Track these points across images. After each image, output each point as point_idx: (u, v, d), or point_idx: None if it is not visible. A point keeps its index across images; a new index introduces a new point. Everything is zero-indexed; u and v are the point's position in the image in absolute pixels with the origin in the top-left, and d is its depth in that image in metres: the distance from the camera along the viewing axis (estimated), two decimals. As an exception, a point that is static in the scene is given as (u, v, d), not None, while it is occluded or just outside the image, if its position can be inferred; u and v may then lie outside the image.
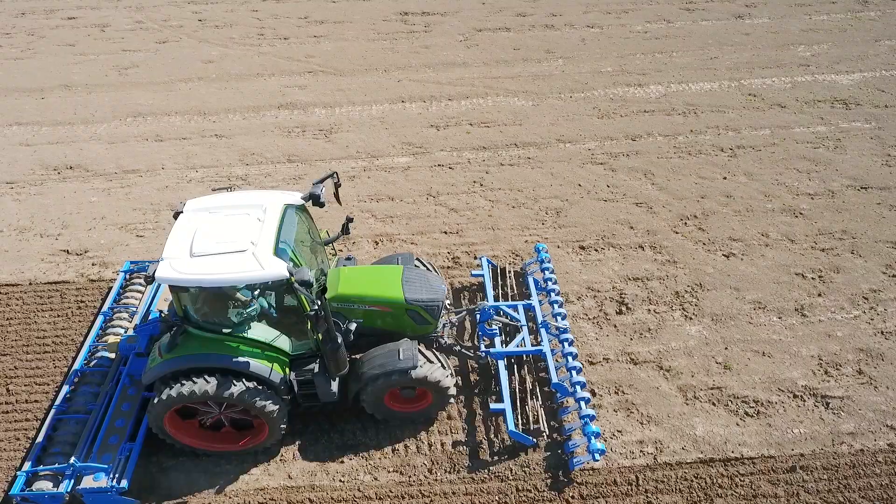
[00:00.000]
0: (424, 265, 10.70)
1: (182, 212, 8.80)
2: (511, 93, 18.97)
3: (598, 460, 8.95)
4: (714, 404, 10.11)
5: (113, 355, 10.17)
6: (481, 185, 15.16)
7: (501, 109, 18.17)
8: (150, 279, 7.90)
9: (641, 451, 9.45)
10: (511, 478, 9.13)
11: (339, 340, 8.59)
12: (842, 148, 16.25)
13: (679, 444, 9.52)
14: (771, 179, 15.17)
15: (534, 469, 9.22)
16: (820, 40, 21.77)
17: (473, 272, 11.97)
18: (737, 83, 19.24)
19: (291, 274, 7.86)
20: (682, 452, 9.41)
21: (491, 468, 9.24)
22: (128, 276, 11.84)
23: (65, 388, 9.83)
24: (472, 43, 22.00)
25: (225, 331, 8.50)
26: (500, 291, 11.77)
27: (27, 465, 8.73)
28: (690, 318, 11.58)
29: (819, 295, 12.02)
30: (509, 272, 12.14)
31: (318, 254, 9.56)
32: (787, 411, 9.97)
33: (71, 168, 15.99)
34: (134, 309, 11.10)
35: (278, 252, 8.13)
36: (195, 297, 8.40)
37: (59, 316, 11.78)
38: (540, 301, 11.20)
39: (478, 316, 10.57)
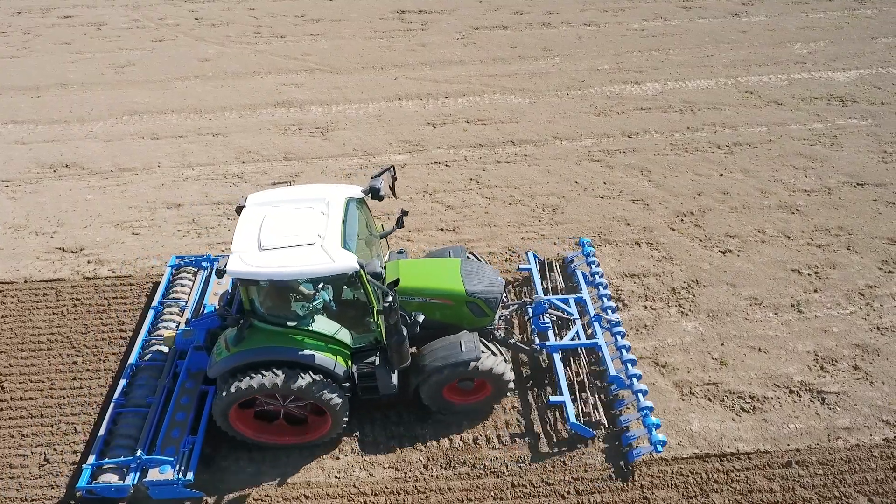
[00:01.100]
0: (476, 258, 10.76)
1: (244, 206, 8.89)
2: (508, 90, 18.96)
3: (660, 451, 8.97)
4: (710, 400, 10.10)
5: (167, 349, 10.25)
6: (478, 182, 15.15)
7: (498, 107, 18.15)
8: (221, 273, 7.98)
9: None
10: (507, 473, 9.12)
11: (405, 333, 8.60)
12: (838, 145, 16.26)
13: (675, 439, 9.51)
14: (767, 176, 15.18)
15: (529, 465, 9.21)
16: (816, 38, 21.78)
17: (521, 266, 11.99)
18: (733, 80, 19.24)
19: (362, 266, 7.97)
20: (678, 448, 9.40)
21: (486, 464, 9.23)
22: (174, 271, 11.89)
23: (122, 382, 9.88)
24: (469, 41, 21.98)
25: (290, 324, 8.57)
26: (543, 286, 11.79)
27: (91, 458, 8.79)
28: (686, 315, 11.58)
29: (815, 291, 12.02)
30: (555, 266, 12.21)
31: (376, 247, 9.59)
32: (782, 407, 9.97)
33: (67, 166, 15.95)
34: (183, 303, 11.18)
35: (346, 245, 8.21)
36: (262, 290, 8.46)
37: (54, 314, 11.75)
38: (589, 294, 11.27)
39: (530, 310, 10.63)
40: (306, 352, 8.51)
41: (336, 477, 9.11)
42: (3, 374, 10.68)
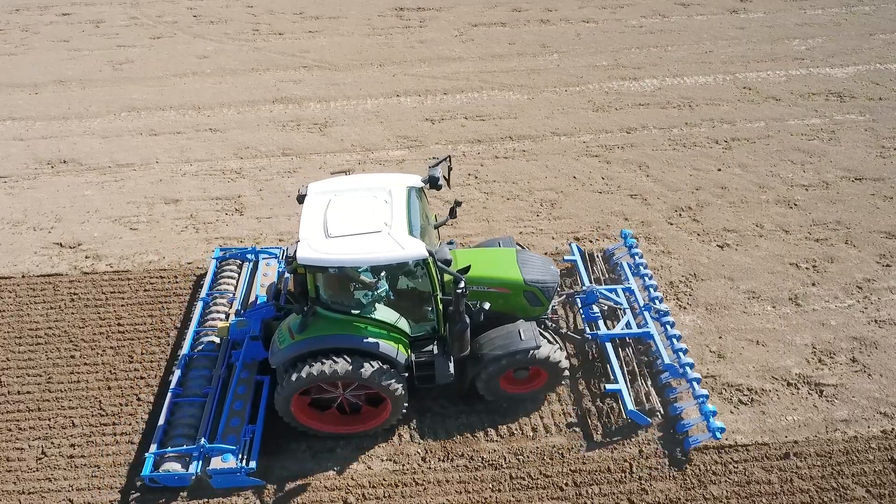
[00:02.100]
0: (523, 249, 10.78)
1: (305, 195, 8.95)
2: (506, 87, 18.95)
3: (719, 438, 8.98)
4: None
5: (218, 340, 10.29)
6: (476, 177, 15.14)
7: (496, 103, 18.15)
8: (290, 260, 8.00)
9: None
10: (505, 466, 9.12)
11: (467, 321, 8.59)
12: (836, 140, 16.26)
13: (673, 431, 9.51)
14: (765, 171, 15.18)
15: (528, 457, 9.21)
16: (815, 34, 21.79)
17: (566, 258, 12.04)
18: (731, 77, 19.24)
19: (432, 254, 8.03)
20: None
21: (484, 456, 9.22)
22: (219, 263, 11.92)
23: (176, 373, 9.91)
24: (468, 38, 21.97)
25: (354, 312, 8.59)
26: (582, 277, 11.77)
27: (153, 447, 8.83)
28: (685, 308, 11.58)
29: (813, 284, 12.03)
30: (598, 257, 12.30)
31: (431, 236, 9.56)
32: (780, 399, 9.98)
33: (64, 162, 15.94)
34: (231, 295, 11.21)
35: (412, 233, 8.27)
36: (324, 278, 8.48)
37: (51, 308, 11.74)
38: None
39: (578, 300, 10.69)
40: (370, 339, 8.57)
41: (334, 470, 9.10)
42: (1, 368, 10.67)
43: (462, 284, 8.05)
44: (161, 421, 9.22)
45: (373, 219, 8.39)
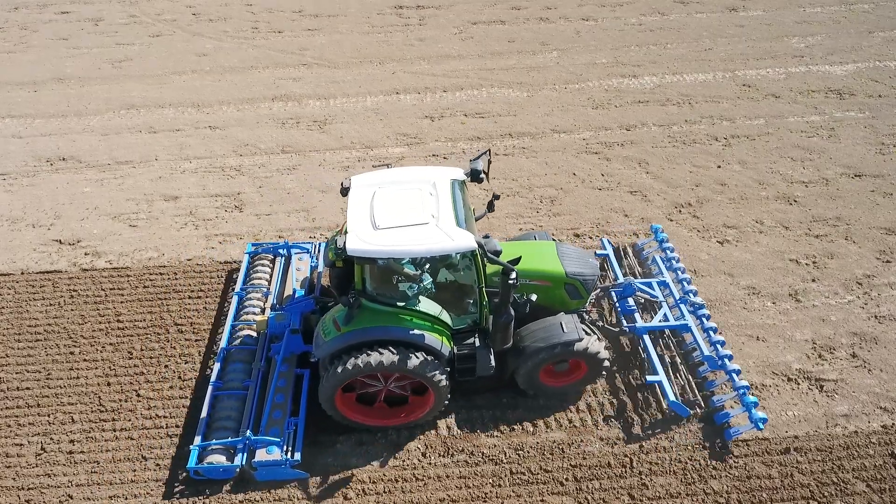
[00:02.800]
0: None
1: (349, 187, 8.96)
2: (506, 84, 18.94)
3: (762, 429, 8.99)
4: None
5: (255, 333, 10.32)
6: (476, 174, 15.12)
7: (496, 101, 18.14)
8: (340, 252, 8.00)
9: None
10: (505, 461, 9.11)
11: (512, 314, 8.57)
12: (836, 137, 16.27)
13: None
14: (765, 168, 15.18)
15: (528, 452, 9.21)
16: (814, 32, 21.78)
17: (598, 252, 12.05)
18: (731, 74, 19.23)
19: (481, 245, 8.06)
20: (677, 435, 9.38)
21: (484, 451, 9.21)
22: (252, 258, 11.93)
23: (216, 367, 9.91)
24: (467, 35, 21.96)
25: (399, 304, 8.59)
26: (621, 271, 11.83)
27: (197, 440, 8.82)
28: (685, 304, 11.58)
29: (813, 280, 12.03)
30: (629, 252, 12.36)
31: (474, 228, 9.48)
32: (781, 394, 9.98)
33: (64, 160, 15.91)
34: (265, 289, 11.23)
35: (459, 225, 8.30)
36: (375, 269, 8.47)
37: (51, 305, 11.73)
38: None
39: (614, 293, 10.72)
40: (416, 331, 8.58)
41: (333, 465, 9.09)
42: (0, 364, 10.65)
43: (513, 276, 8.05)
44: (203, 414, 9.24)
45: (420, 211, 8.41)
